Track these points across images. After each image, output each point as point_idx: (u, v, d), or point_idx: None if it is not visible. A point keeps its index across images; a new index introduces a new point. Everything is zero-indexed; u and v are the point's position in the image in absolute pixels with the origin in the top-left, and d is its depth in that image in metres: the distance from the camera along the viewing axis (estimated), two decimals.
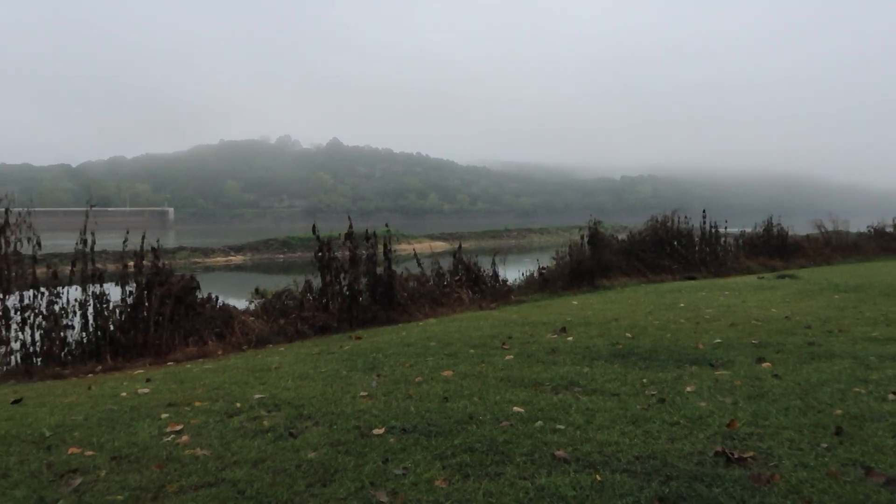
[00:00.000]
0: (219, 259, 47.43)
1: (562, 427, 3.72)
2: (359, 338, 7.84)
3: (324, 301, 9.49)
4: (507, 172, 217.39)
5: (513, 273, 14.01)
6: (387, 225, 11.61)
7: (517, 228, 64.36)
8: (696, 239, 16.29)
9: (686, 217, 16.36)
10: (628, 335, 6.75)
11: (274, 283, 11.15)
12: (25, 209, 7.98)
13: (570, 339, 6.67)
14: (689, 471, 3.03)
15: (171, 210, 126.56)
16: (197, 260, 43.26)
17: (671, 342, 6.25)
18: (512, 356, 5.83)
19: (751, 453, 3.21)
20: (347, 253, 9.97)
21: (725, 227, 17.21)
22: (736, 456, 3.16)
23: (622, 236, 16.28)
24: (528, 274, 13.81)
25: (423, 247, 21.46)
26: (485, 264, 12.44)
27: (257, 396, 4.64)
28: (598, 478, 2.99)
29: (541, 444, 3.44)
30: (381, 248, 10.18)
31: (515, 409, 4.09)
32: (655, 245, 15.45)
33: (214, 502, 2.86)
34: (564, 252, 13.93)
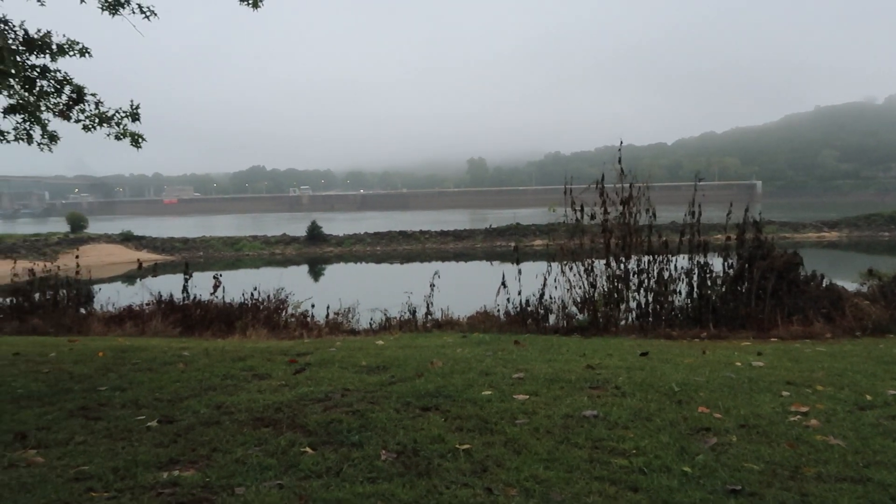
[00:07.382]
0: (810, 235, 44.37)
1: None
2: None
3: None
4: None
5: None
6: None
7: None
8: None
9: None
10: None
11: (883, 265, 9.75)
12: (644, 184, 8.86)
13: None
14: None
15: (758, 183, 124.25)
16: (785, 235, 41.38)
17: None
18: None
19: None
20: None
21: None
22: None
23: None
24: None
25: None
26: None
27: (891, 392, 4.07)
28: None
29: None
30: None
31: None
32: None
33: (864, 501, 2.59)
34: None
